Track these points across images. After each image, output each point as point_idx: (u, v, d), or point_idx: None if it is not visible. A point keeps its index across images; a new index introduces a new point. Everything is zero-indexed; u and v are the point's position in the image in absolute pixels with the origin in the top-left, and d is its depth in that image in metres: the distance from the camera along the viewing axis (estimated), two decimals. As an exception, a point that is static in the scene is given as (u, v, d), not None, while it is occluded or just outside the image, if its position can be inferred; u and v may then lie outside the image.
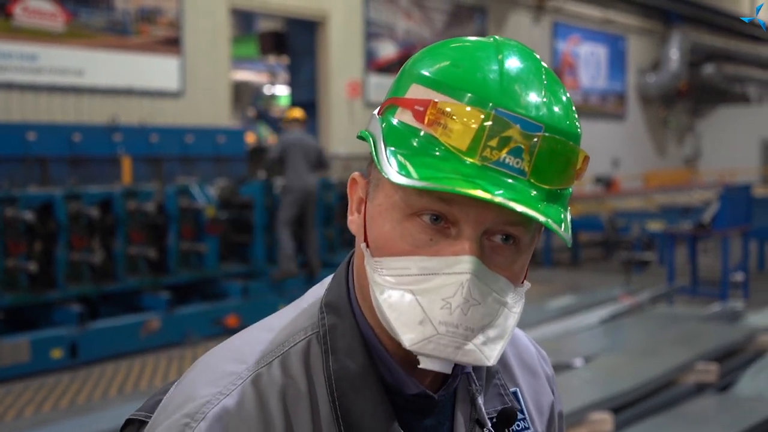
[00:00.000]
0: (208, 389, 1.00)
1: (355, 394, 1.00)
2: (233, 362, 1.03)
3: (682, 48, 23.65)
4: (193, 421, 0.98)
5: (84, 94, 10.38)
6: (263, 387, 1.00)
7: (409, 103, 0.96)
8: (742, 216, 10.36)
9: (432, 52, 1.02)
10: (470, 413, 1.09)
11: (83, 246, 7.92)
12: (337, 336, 1.03)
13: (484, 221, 0.94)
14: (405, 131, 0.95)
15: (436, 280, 0.93)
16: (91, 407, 6.36)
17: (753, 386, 5.84)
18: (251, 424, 0.98)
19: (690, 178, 25.28)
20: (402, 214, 0.96)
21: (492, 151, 0.91)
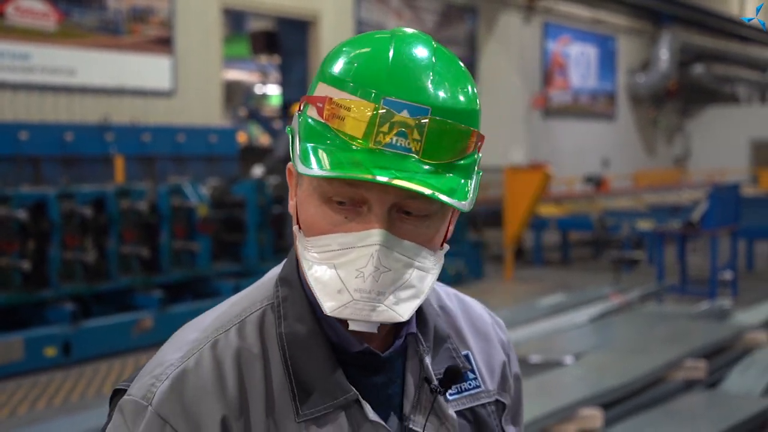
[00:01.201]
0: (173, 355, 1.14)
1: (304, 353, 1.12)
2: (196, 332, 1.17)
3: (671, 48, 23.74)
4: (158, 381, 1.12)
5: (76, 93, 10.39)
6: (219, 350, 1.13)
7: (314, 101, 1.08)
8: (731, 215, 10.43)
9: (338, 51, 1.13)
10: (419, 372, 1.18)
11: (76, 245, 7.94)
12: (288, 305, 1.16)
13: (387, 198, 1.05)
14: (313, 126, 1.07)
15: (352, 253, 1.06)
16: (84, 405, 6.38)
17: (741, 383, 5.90)
18: (207, 381, 1.11)
19: (679, 177, 25.38)
20: (320, 198, 1.08)
21: (384, 136, 1.03)
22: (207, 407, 1.10)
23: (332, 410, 1.11)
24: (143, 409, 1.10)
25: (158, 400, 1.10)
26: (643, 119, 24.90)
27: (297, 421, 1.11)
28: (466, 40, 17.22)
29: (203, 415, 1.09)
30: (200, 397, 1.10)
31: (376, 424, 1.13)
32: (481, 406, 1.25)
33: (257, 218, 9.78)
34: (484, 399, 1.26)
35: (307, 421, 1.11)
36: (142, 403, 1.11)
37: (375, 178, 1.00)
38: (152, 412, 1.10)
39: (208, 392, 1.10)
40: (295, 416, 1.11)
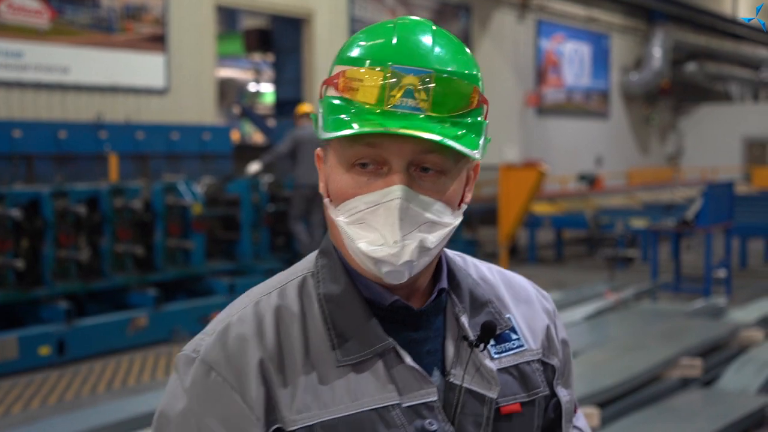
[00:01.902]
0: (221, 316, 1.29)
1: (341, 308, 1.25)
2: (244, 298, 1.32)
3: (664, 46, 23.78)
4: (206, 336, 1.27)
5: (69, 91, 10.36)
6: (260, 308, 1.27)
7: (331, 80, 1.22)
8: (725, 213, 10.45)
9: (352, 38, 1.26)
10: (458, 331, 1.30)
11: (70, 243, 7.91)
12: (325, 271, 1.29)
13: (405, 155, 1.18)
14: (333, 102, 1.20)
15: (379, 209, 1.18)
16: (79, 404, 6.37)
17: (737, 380, 5.91)
18: (247, 332, 1.24)
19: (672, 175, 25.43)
20: (344, 167, 1.21)
21: (395, 98, 1.16)
22: (247, 354, 1.21)
23: (370, 357, 1.22)
24: (192, 360, 1.24)
25: (205, 350, 1.24)
26: (637, 117, 24.94)
27: (337, 366, 1.22)
28: (460, 38, 17.13)
29: (243, 360, 1.21)
30: (241, 345, 1.22)
31: (412, 369, 1.23)
32: (526, 363, 1.35)
33: (252, 216, 9.76)
34: (528, 357, 1.35)
35: (346, 366, 1.22)
36: (192, 355, 1.25)
37: (387, 129, 1.13)
38: (199, 360, 1.23)
39: (247, 341, 1.22)
40: (335, 362, 1.22)
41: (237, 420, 1.18)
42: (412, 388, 1.22)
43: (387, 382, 1.21)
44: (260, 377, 1.19)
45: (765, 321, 7.74)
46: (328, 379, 1.20)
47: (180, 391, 1.23)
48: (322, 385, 1.20)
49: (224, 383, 1.20)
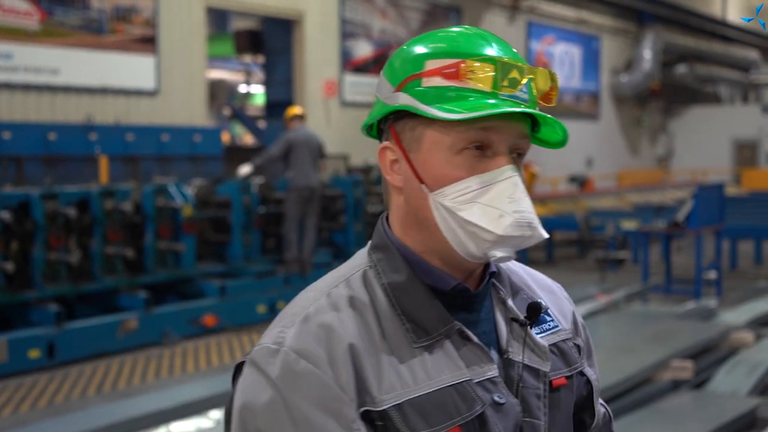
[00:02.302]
0: (293, 309, 1.32)
1: (407, 295, 1.31)
2: (310, 292, 1.34)
3: (655, 48, 23.84)
4: (285, 328, 1.28)
5: (59, 92, 10.33)
6: (335, 298, 1.31)
7: (435, 72, 1.29)
8: (716, 215, 10.47)
9: (427, 40, 1.34)
10: (505, 313, 1.39)
11: (60, 246, 7.88)
12: (383, 263, 1.35)
13: (509, 139, 1.28)
14: (439, 91, 1.28)
15: (494, 188, 1.26)
16: (69, 407, 6.34)
17: (727, 382, 5.92)
18: (329, 319, 1.27)
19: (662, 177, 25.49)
20: (452, 150, 1.28)
21: (506, 88, 1.27)
22: (334, 340, 1.25)
23: (440, 338, 1.29)
24: (275, 351, 1.25)
25: (291, 340, 1.25)
26: (627, 119, 24.99)
27: (413, 348, 1.28)
28: (450, 39, 17.21)
29: (331, 347, 1.24)
30: (326, 332, 1.25)
31: (477, 347, 1.31)
32: (562, 341, 1.44)
33: (242, 218, 9.74)
34: (563, 336, 1.45)
35: (420, 347, 1.28)
36: (274, 347, 1.26)
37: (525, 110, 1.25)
38: (285, 350, 1.24)
39: (332, 328, 1.26)
40: (410, 344, 1.28)
41: (332, 403, 1.22)
42: (477, 365, 1.30)
43: (457, 360, 1.29)
44: (350, 362, 1.23)
45: (755, 323, 7.76)
46: (406, 361, 1.27)
47: (264, 383, 1.24)
48: (402, 366, 1.26)
49: (315, 369, 1.22)
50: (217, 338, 8.69)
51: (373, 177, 12.45)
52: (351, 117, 14.78)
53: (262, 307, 9.42)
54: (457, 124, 1.25)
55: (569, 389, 1.42)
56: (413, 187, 1.32)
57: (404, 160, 1.33)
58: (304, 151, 9.81)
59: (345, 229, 11.31)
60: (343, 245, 11.33)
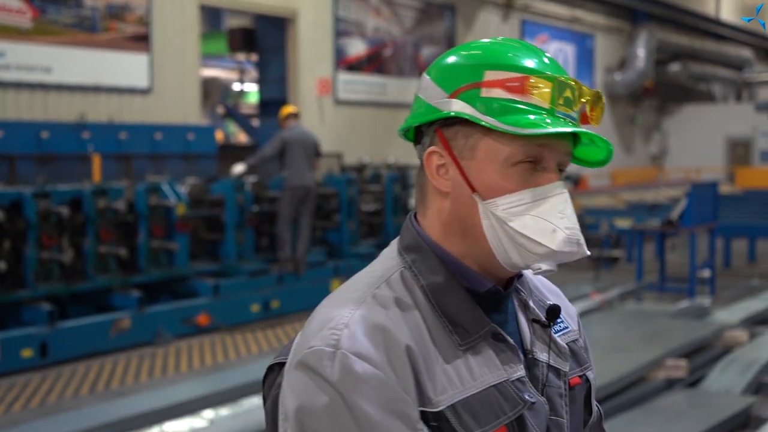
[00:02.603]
0: (339, 311, 1.28)
1: (446, 297, 1.32)
2: (349, 292, 1.33)
3: (648, 46, 23.85)
4: (337, 330, 1.25)
5: (52, 91, 10.28)
6: (381, 299, 1.30)
7: (496, 83, 1.31)
8: (710, 213, 10.48)
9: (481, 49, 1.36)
10: (527, 314, 1.43)
11: (53, 245, 7.85)
12: (419, 264, 1.35)
13: (558, 156, 1.32)
14: (501, 103, 1.30)
15: (547, 202, 1.30)
16: (62, 407, 6.32)
17: (721, 381, 5.93)
18: (382, 320, 1.26)
19: (656, 175, 25.50)
20: (507, 162, 1.30)
21: (561, 105, 1.30)
22: (392, 341, 1.25)
23: (480, 340, 1.31)
24: (332, 354, 1.23)
25: (348, 342, 1.23)
26: (621, 117, 25.00)
27: (457, 349, 1.29)
28: (444, 37, 17.21)
29: (390, 348, 1.24)
30: (383, 334, 1.25)
31: (511, 347, 1.34)
32: (573, 342, 1.49)
33: (236, 217, 9.71)
34: (573, 336, 1.50)
35: (464, 349, 1.30)
36: (329, 350, 1.24)
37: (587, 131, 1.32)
38: (343, 353, 1.23)
39: (388, 329, 1.25)
40: (457, 346, 1.30)
41: (396, 404, 1.22)
42: (509, 365, 1.33)
43: (495, 360, 1.32)
44: (408, 363, 1.24)
45: (749, 321, 7.77)
46: (451, 361, 1.29)
47: (322, 385, 1.23)
48: (449, 366, 1.28)
49: (377, 371, 1.22)
50: (211, 337, 8.67)
51: (367, 176, 12.43)
52: (345, 115, 14.76)
53: (255, 306, 9.40)
54: (516, 137, 1.28)
55: (582, 388, 1.48)
56: (463, 194, 1.34)
57: (454, 166, 1.34)
58: (299, 150, 9.78)
59: (339, 227, 11.29)
60: (337, 244, 11.31)
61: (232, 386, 5.77)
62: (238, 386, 5.77)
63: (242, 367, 6.93)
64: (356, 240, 11.48)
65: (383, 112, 15.71)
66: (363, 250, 11.32)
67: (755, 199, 16.41)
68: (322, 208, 11.36)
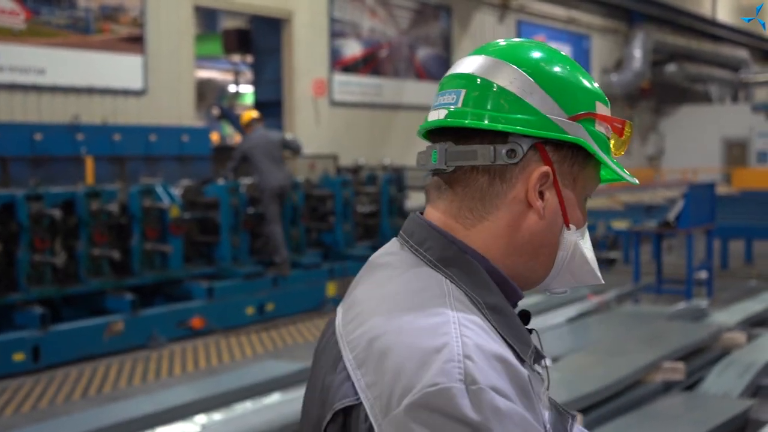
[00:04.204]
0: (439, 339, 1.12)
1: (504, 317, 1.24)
2: (431, 316, 1.16)
3: (645, 47, 23.84)
4: (458, 363, 1.09)
5: (45, 92, 10.23)
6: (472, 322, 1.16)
7: (608, 120, 1.33)
8: (707, 214, 10.43)
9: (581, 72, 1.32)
10: None
11: (45, 247, 7.79)
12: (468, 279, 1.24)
13: None
14: (606, 140, 1.33)
15: (587, 233, 1.37)
16: (54, 411, 6.26)
17: (719, 384, 5.87)
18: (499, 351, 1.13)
19: (653, 176, 25.48)
20: (584, 197, 1.34)
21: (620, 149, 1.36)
22: (518, 372, 1.13)
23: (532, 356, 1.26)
24: (466, 391, 1.06)
25: (478, 376, 1.08)
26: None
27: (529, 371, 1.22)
28: (440, 38, 17.17)
29: (518, 379, 1.13)
30: (507, 365, 1.13)
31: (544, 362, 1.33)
32: None
33: (231, 219, 9.66)
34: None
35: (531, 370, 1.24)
36: (459, 386, 1.07)
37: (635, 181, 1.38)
38: (479, 388, 1.07)
39: (506, 359, 1.13)
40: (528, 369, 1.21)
41: None
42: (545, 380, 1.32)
43: (539, 378, 1.29)
44: (533, 394, 1.16)
45: (747, 323, 7.72)
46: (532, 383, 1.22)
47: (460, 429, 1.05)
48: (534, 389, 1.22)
49: (515, 406, 1.09)
50: (205, 341, 8.61)
51: (363, 177, 12.38)
52: (340, 117, 14.71)
53: (250, 309, 9.35)
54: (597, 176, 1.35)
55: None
56: (554, 222, 1.32)
57: (554, 191, 1.30)
58: (261, 154, 9.75)
59: (334, 229, 11.23)
60: (332, 246, 11.26)
61: (225, 390, 5.71)
62: (231, 390, 5.71)
63: (237, 371, 6.87)
64: (352, 242, 11.42)
65: (379, 113, 15.66)
66: (358, 251, 11.27)
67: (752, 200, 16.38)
68: (317, 210, 11.32)
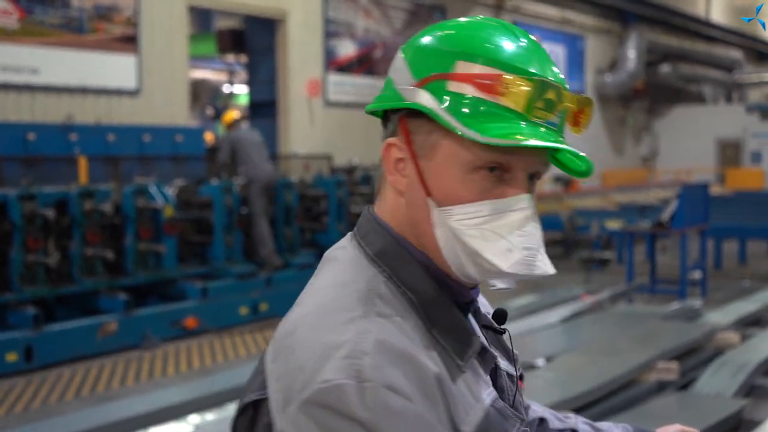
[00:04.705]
0: (343, 335, 1.09)
1: (437, 311, 1.19)
2: (343, 311, 1.13)
3: (639, 48, 23.87)
4: (356, 358, 1.06)
5: (39, 92, 10.20)
6: (388, 318, 1.13)
7: (467, 78, 1.15)
8: (700, 215, 10.44)
9: (455, 32, 1.21)
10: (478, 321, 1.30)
11: (38, 247, 7.77)
12: (402, 273, 1.20)
13: (530, 165, 1.18)
14: (470, 101, 1.14)
15: (507, 217, 1.16)
16: (47, 412, 6.24)
17: (713, 384, 5.87)
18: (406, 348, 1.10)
19: (647, 177, 25.51)
20: (467, 168, 1.16)
21: (539, 110, 1.15)
22: (421, 370, 1.10)
23: (473, 356, 1.20)
24: (360, 388, 1.04)
25: (372, 373, 1.05)
26: (611, 118, 25.00)
27: (462, 371, 1.17)
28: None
29: (421, 377, 1.09)
30: (410, 362, 1.09)
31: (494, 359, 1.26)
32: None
33: (224, 219, 9.65)
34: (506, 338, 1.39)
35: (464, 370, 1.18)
36: (351, 383, 1.04)
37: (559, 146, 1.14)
38: (372, 386, 1.04)
39: (411, 354, 1.10)
40: (458, 367, 1.17)
41: None
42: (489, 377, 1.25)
43: (484, 376, 1.22)
44: (440, 392, 1.11)
45: (741, 323, 7.73)
46: (458, 384, 1.16)
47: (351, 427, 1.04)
48: (458, 389, 1.16)
49: (411, 405, 1.06)
50: (199, 341, 8.60)
51: (357, 177, 12.37)
52: (335, 117, 14.70)
53: (244, 309, 9.33)
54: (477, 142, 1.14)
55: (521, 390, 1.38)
56: (418, 197, 1.20)
57: (413, 164, 1.20)
58: (249, 146, 10.01)
59: (328, 229, 11.23)
60: (326, 246, 11.21)
61: (219, 390, 5.69)
62: (225, 390, 5.69)
63: (230, 371, 6.86)
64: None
65: (373, 113, 15.65)
66: (353, 252, 11.25)
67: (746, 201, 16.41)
68: (311, 210, 11.31)
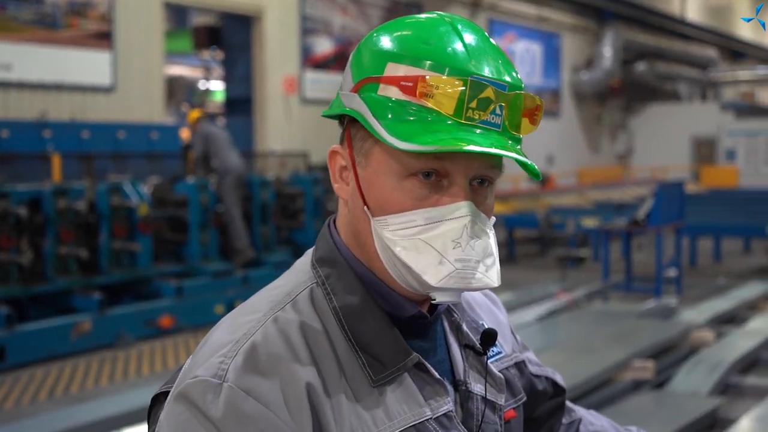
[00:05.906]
0: (233, 335, 1.11)
1: (362, 322, 1.14)
2: (249, 314, 1.15)
3: (615, 46, 23.97)
4: (226, 358, 1.08)
5: (12, 89, 10.10)
6: (283, 324, 1.12)
7: (393, 80, 1.10)
8: (676, 213, 10.49)
9: (394, 31, 1.15)
10: (459, 339, 1.25)
11: (11, 246, 7.68)
12: (333, 281, 1.17)
13: (471, 170, 1.11)
14: (394, 105, 1.09)
15: (442, 226, 1.09)
16: (20, 413, 6.17)
17: (688, 382, 5.90)
18: (281, 350, 1.09)
19: (622, 174, 25.63)
20: (400, 175, 1.10)
21: (473, 111, 1.07)
22: (287, 376, 1.08)
23: (400, 373, 1.14)
24: (217, 386, 1.07)
25: (234, 374, 1.07)
26: (587, 116, 25.10)
27: (372, 386, 1.12)
28: (411, 36, 17.16)
29: (285, 384, 1.07)
30: (278, 366, 1.08)
31: (439, 382, 1.17)
32: (506, 369, 1.33)
33: (200, 217, 9.59)
34: (506, 363, 1.34)
35: (380, 385, 1.13)
36: (214, 381, 1.07)
37: (489, 150, 1.05)
38: (229, 386, 1.06)
39: (284, 361, 1.09)
40: (369, 382, 1.12)
41: None
42: (433, 398, 1.16)
43: (416, 395, 1.15)
44: (308, 402, 1.07)
45: (715, 321, 7.77)
46: (364, 399, 1.12)
47: (202, 423, 1.05)
48: (360, 405, 1.11)
49: (266, 411, 1.05)
50: (174, 339, 8.54)
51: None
52: (311, 114, 14.65)
53: (219, 308, 9.28)
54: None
55: (518, 422, 1.32)
56: (357, 206, 1.16)
57: (352, 172, 1.16)
58: (220, 140, 10.07)
59: (304, 227, 11.19)
60: (303, 244, 11.21)
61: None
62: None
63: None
64: (322, 240, 11.38)
65: (350, 110, 15.62)
66: (329, 250, 11.23)
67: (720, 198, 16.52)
68: (287, 208, 11.27)
